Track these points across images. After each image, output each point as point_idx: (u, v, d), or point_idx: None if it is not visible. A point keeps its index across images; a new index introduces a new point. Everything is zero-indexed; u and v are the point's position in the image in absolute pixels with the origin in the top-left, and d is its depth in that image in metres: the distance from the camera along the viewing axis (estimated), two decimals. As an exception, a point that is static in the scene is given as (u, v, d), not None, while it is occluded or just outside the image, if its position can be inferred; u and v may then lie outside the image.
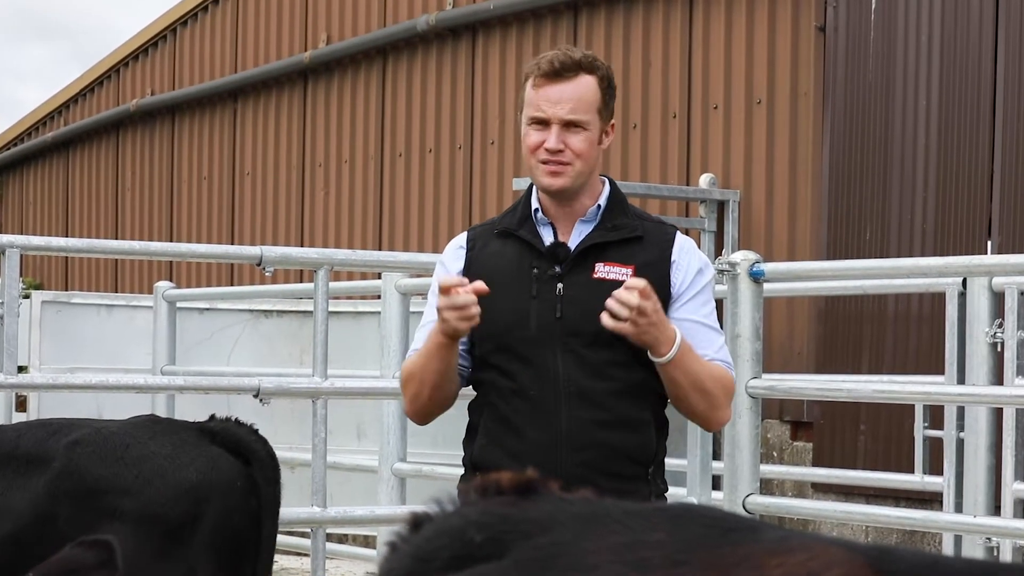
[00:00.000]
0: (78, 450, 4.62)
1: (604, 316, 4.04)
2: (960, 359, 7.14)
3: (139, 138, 16.56)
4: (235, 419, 4.87)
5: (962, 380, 7.07)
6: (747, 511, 6.24)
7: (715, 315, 4.31)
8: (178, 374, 9.02)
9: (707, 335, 4.24)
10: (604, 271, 4.20)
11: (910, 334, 9.22)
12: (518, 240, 4.26)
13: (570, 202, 4.26)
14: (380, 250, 12.69)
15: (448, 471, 7.77)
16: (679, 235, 4.32)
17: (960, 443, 7.21)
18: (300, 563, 10.43)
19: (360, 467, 9.26)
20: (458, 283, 4.06)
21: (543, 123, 4.19)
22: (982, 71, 9.04)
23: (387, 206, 13.22)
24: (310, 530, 6.70)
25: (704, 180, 10.36)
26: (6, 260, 6.13)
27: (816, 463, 9.61)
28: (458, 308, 4.04)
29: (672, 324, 4.11)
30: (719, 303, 7.44)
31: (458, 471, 4.44)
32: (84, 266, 17.28)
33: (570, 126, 4.18)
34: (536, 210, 4.27)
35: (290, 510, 6.48)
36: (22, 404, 10.46)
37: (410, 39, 12.94)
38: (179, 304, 9.64)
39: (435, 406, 4.30)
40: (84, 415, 7.79)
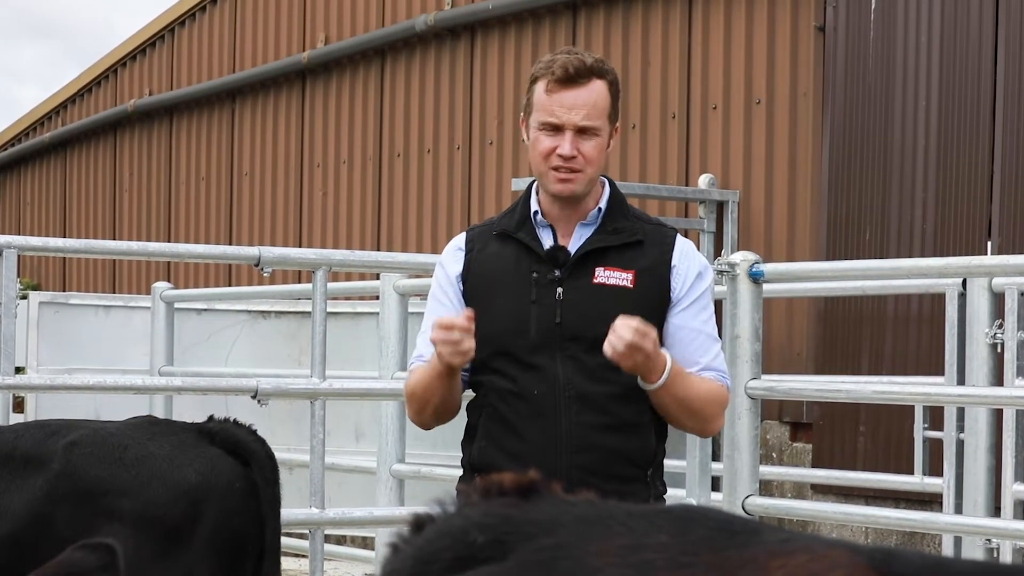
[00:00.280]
0: (76, 451, 4.61)
1: (605, 346, 4.03)
2: (960, 360, 7.14)
3: (137, 138, 16.54)
4: (234, 420, 4.86)
5: (962, 381, 7.07)
6: (746, 512, 6.23)
7: (713, 321, 4.29)
8: (176, 375, 9.01)
9: (703, 343, 4.23)
10: (604, 276, 4.19)
11: (910, 335, 9.20)
12: (517, 243, 4.23)
13: (573, 206, 4.23)
14: (378, 251, 12.68)
15: (447, 472, 7.75)
16: (679, 238, 4.30)
17: (960, 444, 7.21)
18: (298, 564, 10.42)
19: (358, 468, 9.25)
20: (450, 324, 4.05)
21: (556, 128, 4.15)
22: (982, 71, 9.02)
23: (385, 207, 13.21)
24: (308, 531, 6.69)
25: (703, 180, 10.35)
26: (3, 261, 6.12)
27: (815, 464, 9.59)
28: (452, 343, 4.03)
29: (664, 353, 4.09)
30: (718, 304, 7.45)
31: (457, 472, 4.43)
32: (82, 267, 17.25)
33: (583, 132, 4.15)
34: (535, 212, 4.25)
35: (288, 511, 6.47)
36: (19, 405, 10.45)
37: (409, 39, 12.92)
38: (177, 305, 9.63)
39: (440, 419, 4.33)
40: (82, 416, 7.78)
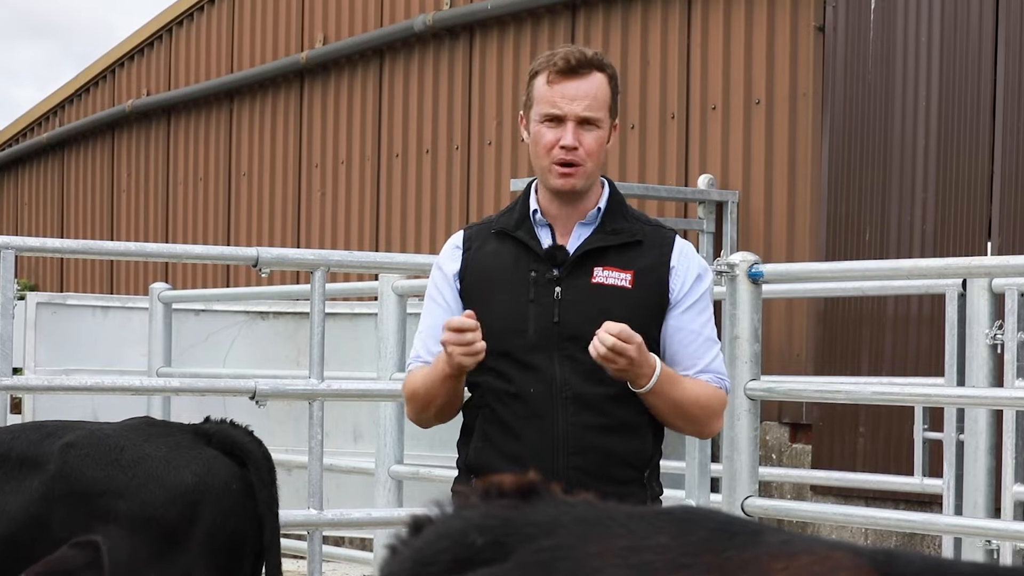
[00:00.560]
0: (72, 452, 4.60)
1: (590, 347, 4.03)
2: (960, 361, 7.14)
3: (135, 139, 16.52)
4: (230, 421, 4.85)
5: (962, 382, 7.07)
6: (746, 513, 6.22)
7: (712, 323, 4.28)
8: (174, 376, 9.01)
9: (702, 345, 4.22)
10: (603, 276, 4.18)
11: (909, 336, 9.19)
12: (516, 242, 4.22)
13: (573, 203, 4.22)
14: (377, 251, 12.67)
15: (445, 473, 7.73)
16: (678, 239, 4.28)
17: (960, 445, 7.21)
18: (296, 566, 10.40)
19: (357, 469, 9.24)
20: (461, 325, 4.03)
21: (558, 120, 4.15)
22: (982, 71, 9.01)
23: (384, 207, 13.19)
24: (306, 533, 6.68)
25: (702, 181, 10.33)
26: (1, 261, 6.11)
27: (815, 465, 9.58)
28: (464, 344, 4.02)
29: (653, 358, 4.08)
30: (717, 305, 7.44)
31: (455, 473, 4.41)
32: (79, 267, 17.24)
33: (584, 124, 4.15)
34: (535, 211, 4.23)
35: (286, 512, 6.45)
36: (17, 406, 10.44)
37: (407, 39, 12.91)
38: (175, 305, 9.62)
39: (441, 419, 4.33)
40: (79, 417, 7.77)
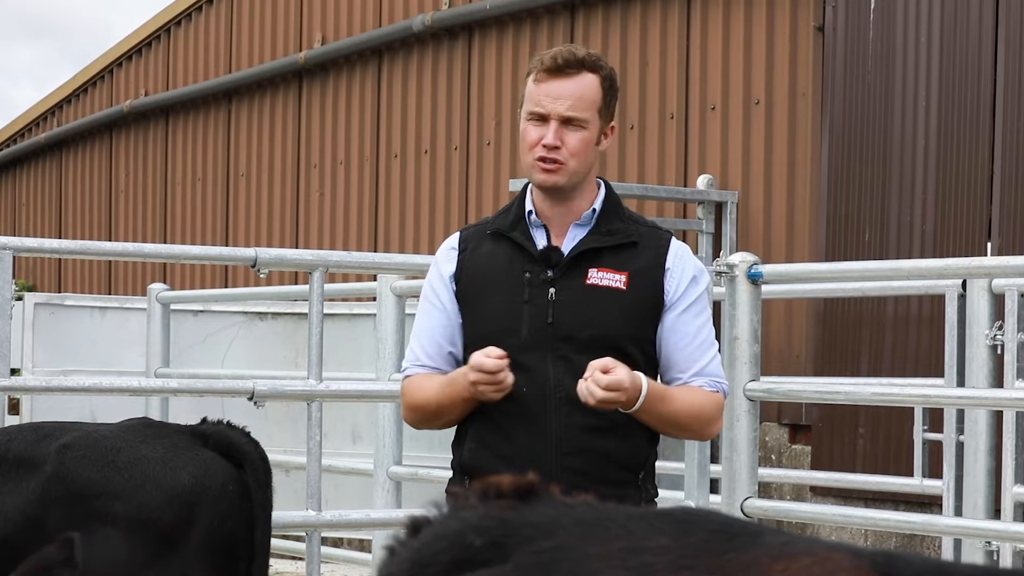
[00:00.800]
0: (69, 454, 4.59)
1: (580, 393, 4.02)
2: (960, 361, 7.13)
3: (132, 139, 16.51)
4: (227, 422, 4.85)
5: (962, 383, 7.06)
6: (745, 515, 6.21)
7: (709, 325, 4.27)
8: (172, 377, 8.99)
9: (697, 350, 4.21)
10: (597, 277, 4.17)
11: (909, 336, 9.18)
12: (511, 242, 4.22)
13: (565, 204, 4.22)
14: (375, 252, 12.66)
15: (444, 474, 7.68)
16: (674, 241, 4.27)
17: (960, 446, 7.20)
18: (295, 567, 10.39)
19: (355, 470, 9.23)
20: (495, 367, 4.05)
21: (542, 119, 4.16)
22: (982, 71, 9.00)
23: (383, 207, 13.18)
24: (305, 534, 6.67)
25: (702, 181, 10.32)
26: (-2, 261, 6.08)
27: (815, 466, 9.57)
28: (496, 384, 4.05)
29: (639, 377, 4.06)
30: (717, 305, 7.43)
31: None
32: (77, 268, 17.23)
33: (568, 123, 4.15)
34: (530, 212, 4.23)
35: (285, 514, 6.45)
36: (15, 407, 10.43)
37: (406, 39, 12.90)
38: (173, 306, 9.60)
39: (446, 427, 4.34)
40: (77, 418, 7.76)
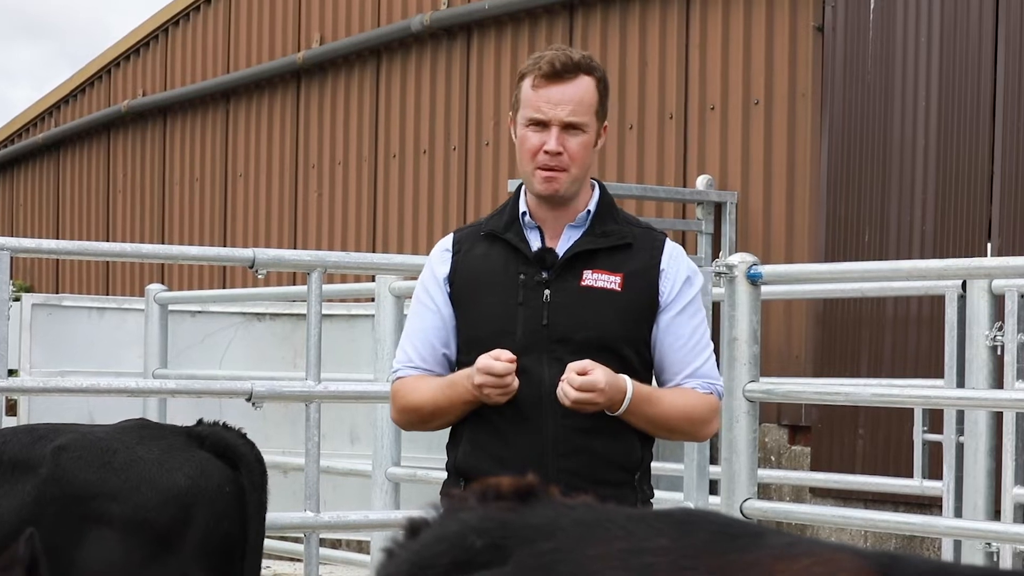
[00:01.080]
0: (64, 456, 4.58)
1: (560, 398, 4.03)
2: (960, 362, 7.12)
3: (130, 139, 16.50)
4: (223, 423, 4.84)
5: (961, 384, 7.05)
6: (744, 516, 6.19)
7: (704, 326, 4.27)
8: (170, 378, 8.98)
9: (691, 352, 4.21)
10: (592, 278, 4.17)
11: (909, 337, 9.16)
12: (505, 244, 4.21)
13: (561, 206, 4.21)
14: (374, 252, 12.64)
15: (442, 476, 7.69)
16: (668, 242, 4.28)
17: (960, 447, 7.19)
18: (293, 568, 10.38)
19: (354, 471, 9.22)
20: (504, 371, 4.04)
21: (542, 125, 4.14)
22: (982, 71, 8.98)
23: (381, 208, 13.17)
24: (303, 535, 6.65)
25: (701, 182, 10.31)
26: (-5, 261, 6.06)
27: (814, 467, 9.56)
28: (502, 387, 4.04)
29: (623, 380, 4.07)
30: (716, 306, 7.41)
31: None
32: (75, 268, 17.21)
33: (569, 128, 4.14)
34: (524, 213, 4.22)
35: (283, 515, 6.43)
36: (12, 408, 10.41)
37: (404, 39, 12.89)
38: (171, 307, 9.59)
39: (441, 428, 4.33)
40: (75, 419, 7.74)
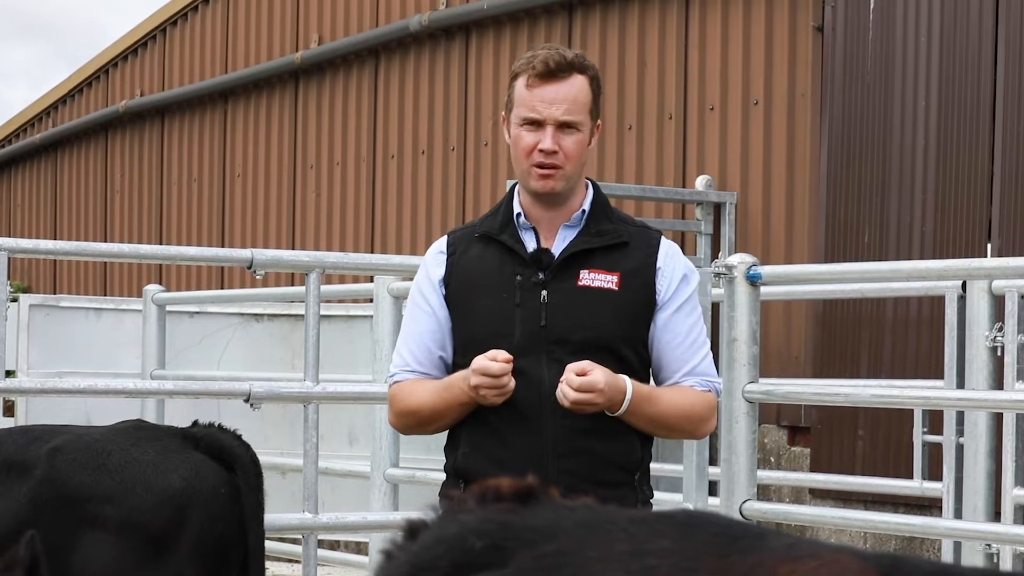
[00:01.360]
0: (59, 457, 4.58)
1: (558, 396, 4.02)
2: (959, 363, 7.12)
3: (128, 140, 16.49)
4: (218, 425, 4.83)
5: (961, 384, 7.04)
6: (744, 517, 6.18)
7: (700, 324, 4.27)
8: (168, 378, 8.97)
9: (688, 350, 4.21)
10: (589, 278, 4.16)
11: (909, 338, 9.15)
12: (500, 245, 4.20)
13: (556, 206, 4.21)
14: (372, 253, 12.63)
15: (441, 477, 7.68)
16: (664, 240, 4.28)
17: (960, 448, 7.19)
18: (291, 570, 10.37)
19: (352, 473, 9.21)
20: (499, 371, 4.02)
21: (537, 124, 4.14)
22: (982, 72, 8.97)
23: (379, 208, 13.16)
24: (301, 536, 6.63)
25: (700, 182, 10.29)
26: (-8, 262, 6.05)
27: (814, 468, 9.55)
28: (499, 388, 4.03)
29: (622, 380, 4.06)
30: (715, 307, 7.40)
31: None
32: (72, 269, 17.20)
33: (564, 127, 4.14)
34: (519, 214, 4.22)
35: (281, 516, 6.42)
36: (9, 409, 10.40)
37: (403, 39, 12.88)
38: (169, 307, 9.58)
39: (432, 434, 4.32)
40: (72, 420, 7.74)
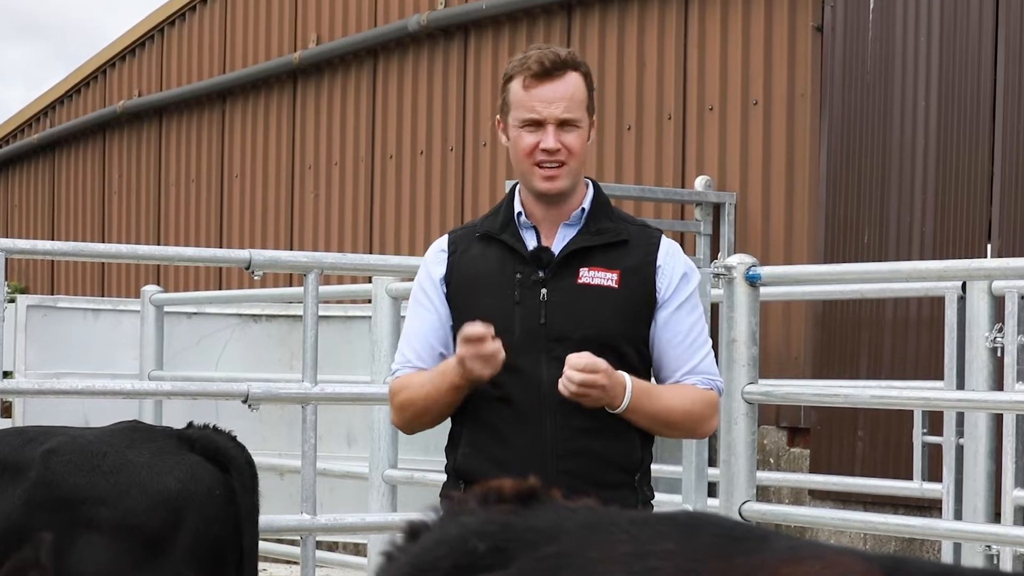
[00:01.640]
0: (54, 459, 4.57)
1: (560, 386, 4.01)
2: (959, 364, 7.12)
3: (126, 140, 16.48)
4: (213, 426, 4.83)
5: (961, 385, 7.04)
6: (743, 518, 6.16)
7: (701, 322, 4.26)
8: (166, 379, 8.96)
9: (689, 348, 4.20)
10: (589, 276, 4.16)
11: (908, 339, 9.14)
12: (501, 244, 4.20)
13: (557, 205, 4.21)
14: (371, 253, 12.63)
15: (440, 478, 7.63)
16: (664, 238, 4.28)
17: (959, 449, 7.19)
18: (289, 571, 10.36)
19: (350, 474, 9.20)
20: (480, 335, 3.99)
21: (537, 124, 4.15)
22: (982, 71, 8.96)
23: (378, 209, 13.15)
24: (299, 538, 6.62)
25: (700, 182, 10.28)
26: (-10, 262, 6.04)
27: (813, 470, 9.55)
28: (484, 356, 3.99)
29: (623, 376, 4.05)
30: (715, 307, 7.39)
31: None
32: (70, 270, 17.19)
33: (564, 125, 4.15)
34: (519, 213, 4.22)
35: (279, 517, 6.41)
36: (7, 410, 10.39)
37: (401, 39, 12.88)
38: (167, 308, 9.58)
39: (433, 426, 4.30)
40: (70, 421, 7.72)
